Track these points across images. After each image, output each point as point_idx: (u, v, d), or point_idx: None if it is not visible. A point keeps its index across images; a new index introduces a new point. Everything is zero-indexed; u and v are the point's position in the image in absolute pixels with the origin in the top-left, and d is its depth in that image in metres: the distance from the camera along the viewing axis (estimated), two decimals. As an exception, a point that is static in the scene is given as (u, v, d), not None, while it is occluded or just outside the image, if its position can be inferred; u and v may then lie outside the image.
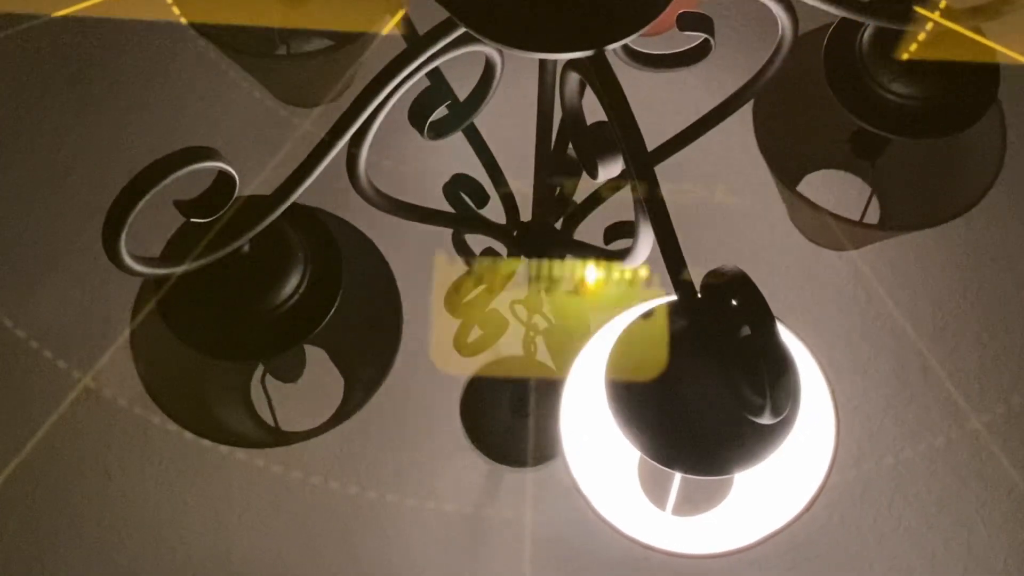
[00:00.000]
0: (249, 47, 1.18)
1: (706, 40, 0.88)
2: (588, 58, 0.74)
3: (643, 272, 0.71)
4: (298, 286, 0.90)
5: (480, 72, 0.87)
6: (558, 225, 1.13)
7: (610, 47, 0.73)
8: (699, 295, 0.71)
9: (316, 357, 1.13)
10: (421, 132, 0.87)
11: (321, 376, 1.18)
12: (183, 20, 1.06)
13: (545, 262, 1.14)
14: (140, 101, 2.16)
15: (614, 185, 1.01)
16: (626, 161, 0.76)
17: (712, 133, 0.99)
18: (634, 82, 0.82)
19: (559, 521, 1.87)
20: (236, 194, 0.78)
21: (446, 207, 1.11)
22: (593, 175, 0.79)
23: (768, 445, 0.72)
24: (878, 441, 1.96)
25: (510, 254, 1.16)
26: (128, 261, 0.75)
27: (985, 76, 1.02)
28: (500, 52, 0.82)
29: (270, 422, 1.20)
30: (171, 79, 2.17)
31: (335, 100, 1.20)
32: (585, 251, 1.08)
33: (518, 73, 0.97)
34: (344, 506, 1.91)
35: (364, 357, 1.12)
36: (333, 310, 0.91)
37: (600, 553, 1.87)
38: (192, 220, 0.78)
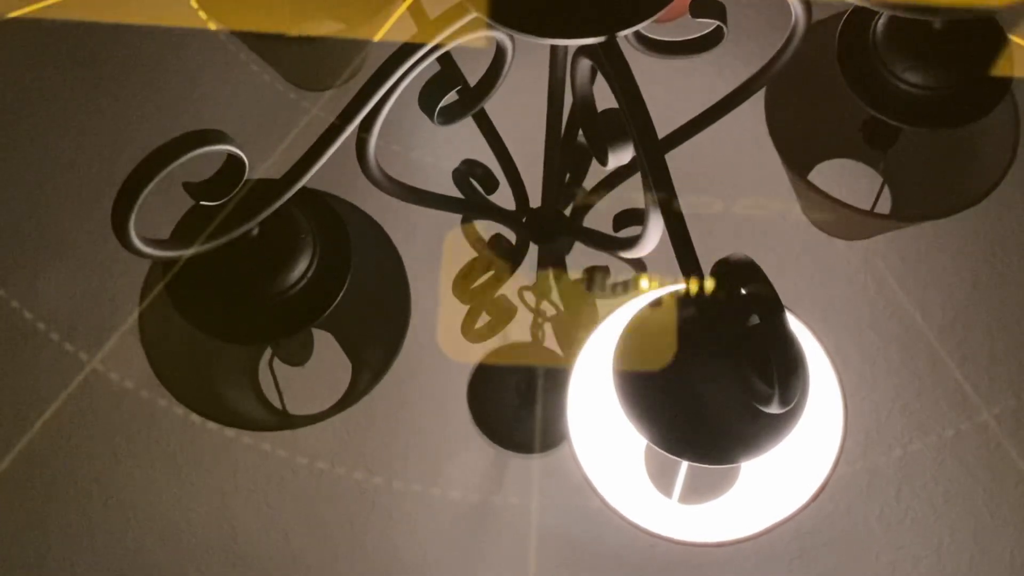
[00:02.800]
0: (259, 29, 1.18)
1: (718, 27, 0.87)
2: (600, 44, 0.74)
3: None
4: (306, 270, 0.90)
5: (491, 58, 0.87)
6: (567, 212, 1.12)
7: (622, 33, 0.73)
8: (708, 283, 0.70)
9: (324, 341, 1.13)
10: (431, 117, 0.87)
11: (328, 360, 1.18)
12: (193, 3, 1.06)
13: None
14: (150, 83, 2.16)
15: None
16: (636, 148, 0.76)
17: (723, 121, 0.98)
18: (646, 69, 0.81)
19: (565, 508, 1.87)
20: (245, 177, 0.78)
21: (455, 193, 1.11)
22: (603, 162, 0.79)
23: (776, 434, 0.72)
24: (886, 432, 1.96)
25: (519, 240, 1.16)
26: (137, 243, 0.75)
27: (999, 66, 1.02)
28: (511, 37, 0.82)
29: (277, 405, 1.20)
30: (181, 62, 2.17)
31: (345, 84, 1.20)
32: (594, 238, 1.08)
33: (529, 59, 0.96)
34: (350, 491, 1.91)
35: (372, 342, 1.12)
36: (341, 294, 0.91)
37: (606, 540, 1.87)
38: (201, 203, 0.78)
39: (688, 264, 0.71)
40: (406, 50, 0.78)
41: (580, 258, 1.17)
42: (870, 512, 1.92)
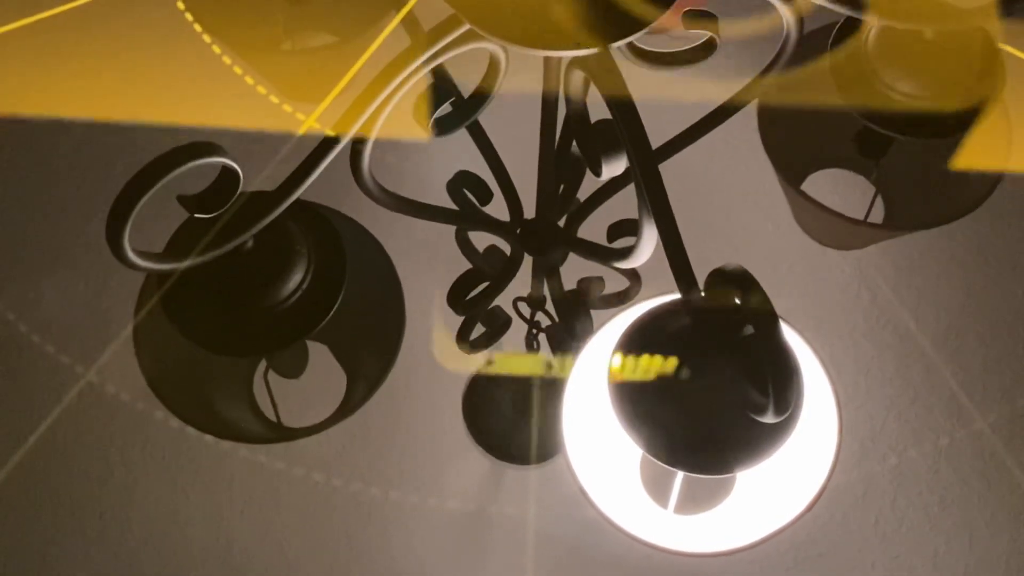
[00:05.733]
0: (253, 43, 1.18)
1: (711, 38, 0.88)
2: (593, 55, 0.74)
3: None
4: (301, 282, 0.90)
5: (484, 69, 0.87)
6: (561, 223, 1.13)
7: (615, 45, 0.73)
8: (703, 293, 0.71)
9: (319, 353, 1.13)
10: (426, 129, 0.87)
11: (324, 372, 1.18)
12: (188, 16, 1.06)
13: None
14: (146, 94, 2.16)
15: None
16: (630, 159, 0.76)
17: (716, 131, 0.99)
18: (639, 80, 0.82)
19: (561, 519, 1.87)
20: (240, 190, 0.78)
21: (450, 204, 1.11)
22: (597, 173, 0.79)
23: (771, 444, 0.72)
24: (881, 440, 1.96)
25: (513, 251, 1.16)
26: (132, 256, 0.75)
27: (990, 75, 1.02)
28: (505, 49, 0.82)
29: (272, 418, 1.20)
30: (175, 74, 2.17)
31: (340, 96, 1.20)
32: (588, 249, 1.08)
33: (523, 70, 0.96)
34: (346, 502, 1.91)
35: (367, 353, 1.12)
36: (336, 306, 0.90)
37: (602, 551, 1.87)
38: (196, 216, 0.78)
39: (682, 274, 0.72)
40: (400, 62, 0.78)
41: (574, 269, 1.18)
42: (866, 521, 1.92)
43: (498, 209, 1.13)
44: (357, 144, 0.86)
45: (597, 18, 0.72)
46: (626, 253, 0.92)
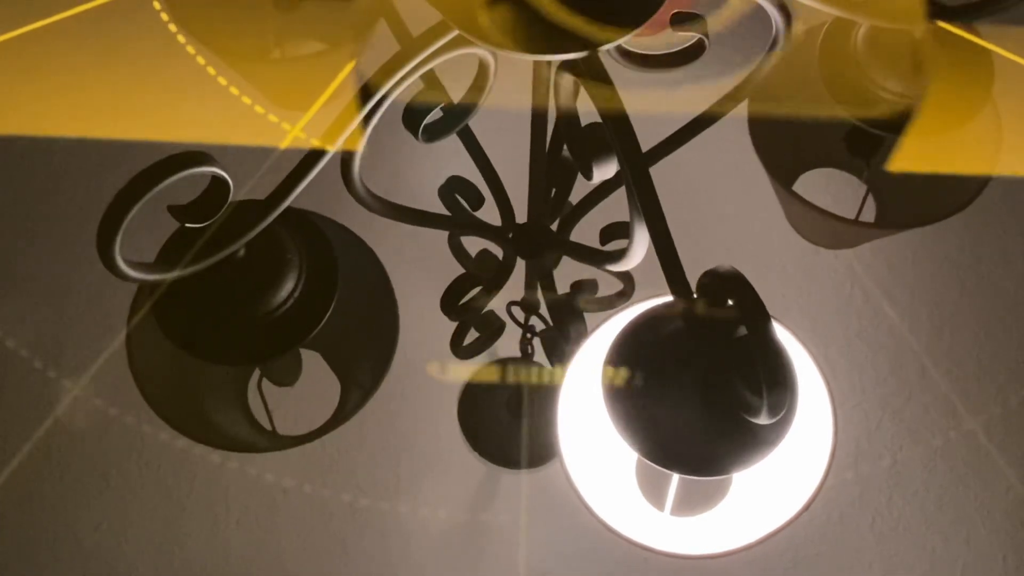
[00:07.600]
0: (242, 52, 1.18)
1: (700, 40, 0.87)
2: (582, 59, 0.74)
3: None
4: (293, 290, 0.90)
5: (474, 74, 0.87)
6: (554, 226, 1.12)
7: (604, 48, 0.73)
8: (695, 295, 0.71)
9: (312, 361, 1.13)
10: (415, 135, 0.87)
11: (317, 380, 1.17)
12: (172, 27, 1.05)
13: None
14: (133, 106, 2.16)
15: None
16: (621, 162, 0.76)
17: (707, 133, 0.99)
18: (628, 82, 0.82)
19: (556, 523, 1.87)
20: (230, 199, 0.78)
21: (441, 209, 1.11)
22: (588, 176, 0.79)
23: (766, 445, 0.72)
24: (876, 440, 1.96)
25: (506, 256, 1.16)
26: (122, 266, 0.74)
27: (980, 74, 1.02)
28: (494, 54, 0.82)
29: (267, 426, 1.19)
30: (164, 84, 2.17)
31: (328, 103, 1.20)
32: (581, 252, 1.08)
33: (512, 75, 0.96)
34: (341, 510, 1.91)
35: (360, 361, 1.12)
36: (329, 314, 0.90)
37: (598, 555, 1.87)
38: (187, 225, 0.78)
39: (674, 276, 0.72)
40: (390, 68, 0.78)
41: (567, 272, 1.18)
42: (862, 521, 1.92)
43: (490, 214, 1.13)
44: (347, 151, 0.85)
45: (586, 21, 0.72)
46: (618, 256, 0.92)
